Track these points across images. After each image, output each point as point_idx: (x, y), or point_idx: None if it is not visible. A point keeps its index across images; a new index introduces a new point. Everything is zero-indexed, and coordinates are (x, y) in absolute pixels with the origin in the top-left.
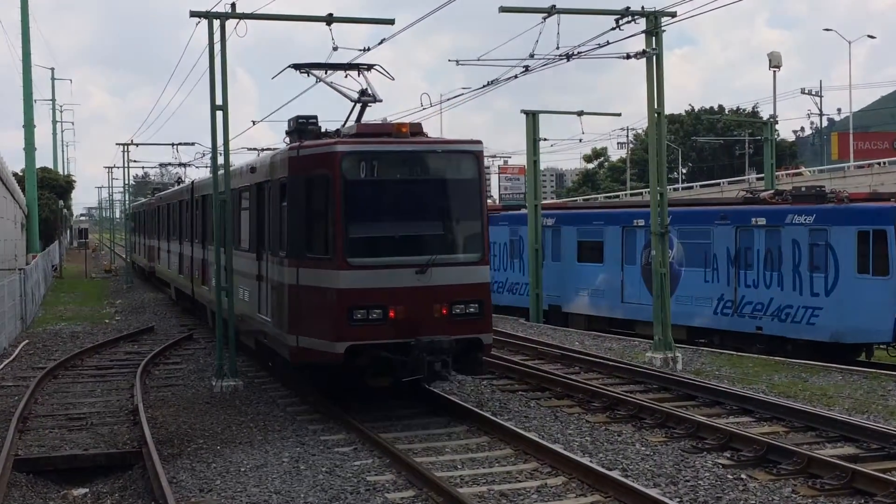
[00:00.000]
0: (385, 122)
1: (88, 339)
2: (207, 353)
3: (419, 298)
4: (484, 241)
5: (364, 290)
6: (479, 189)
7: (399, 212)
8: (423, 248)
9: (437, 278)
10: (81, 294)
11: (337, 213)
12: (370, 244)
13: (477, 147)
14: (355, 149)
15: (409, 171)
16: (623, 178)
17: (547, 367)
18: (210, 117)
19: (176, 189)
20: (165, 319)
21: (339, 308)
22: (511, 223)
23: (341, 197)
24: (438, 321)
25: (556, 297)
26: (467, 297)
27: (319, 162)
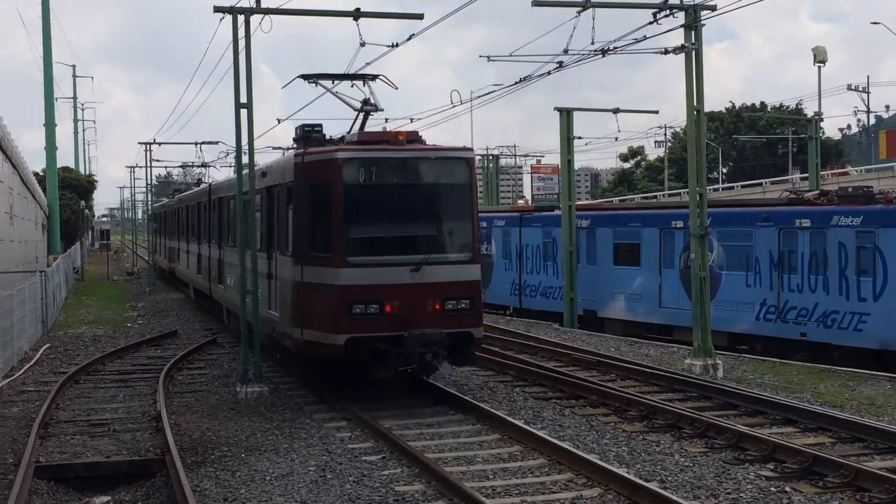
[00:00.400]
0: (384, 131)
1: (110, 343)
2: (232, 357)
3: (413, 294)
4: (474, 241)
5: (362, 287)
6: (470, 193)
7: (395, 214)
8: (418, 247)
9: (430, 276)
10: (103, 297)
11: (338, 216)
12: (368, 244)
13: (468, 154)
14: (354, 156)
15: (404, 177)
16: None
17: (582, 374)
18: (234, 116)
19: (195, 191)
20: (189, 323)
21: (340, 303)
22: (544, 225)
23: (342, 200)
24: (431, 315)
25: (591, 301)
26: (458, 294)
27: (322, 168)
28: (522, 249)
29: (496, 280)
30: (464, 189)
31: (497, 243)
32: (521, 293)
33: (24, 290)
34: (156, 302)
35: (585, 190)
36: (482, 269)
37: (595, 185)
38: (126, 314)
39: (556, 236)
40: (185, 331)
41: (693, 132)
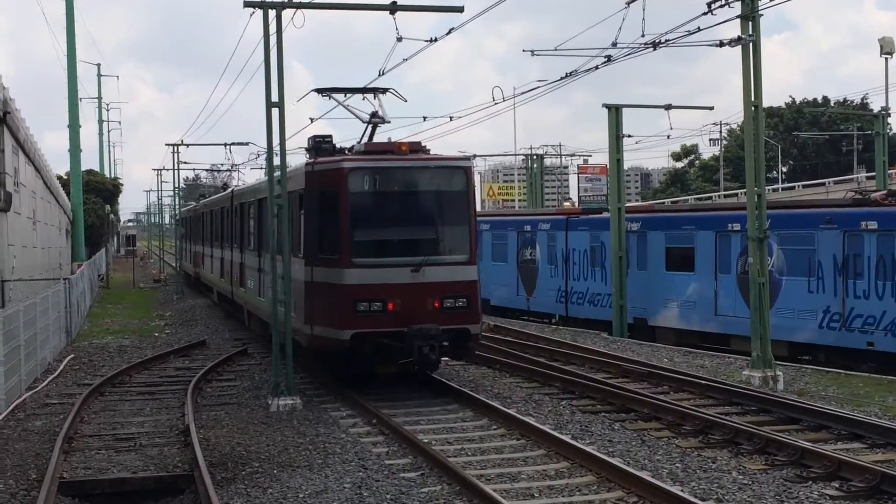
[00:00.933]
0: (389, 142)
1: (136, 354)
2: (263, 369)
3: (414, 293)
4: (471, 244)
5: (366, 286)
6: (468, 199)
7: (397, 219)
8: (418, 250)
9: (429, 276)
10: (129, 305)
11: (344, 220)
12: (372, 246)
13: (466, 163)
14: (360, 165)
15: (406, 184)
16: (716, 178)
17: (632, 387)
18: (265, 115)
19: (218, 196)
20: (218, 333)
21: (346, 301)
22: (592, 228)
23: (347, 206)
24: (431, 313)
25: (641, 309)
26: (456, 293)
27: (330, 176)
28: (569, 254)
29: (541, 287)
30: (461, 196)
31: (541, 248)
32: (568, 301)
33: (47, 298)
34: (183, 310)
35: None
36: (527, 275)
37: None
38: (153, 323)
39: (605, 240)
40: (215, 341)
41: (751, 129)
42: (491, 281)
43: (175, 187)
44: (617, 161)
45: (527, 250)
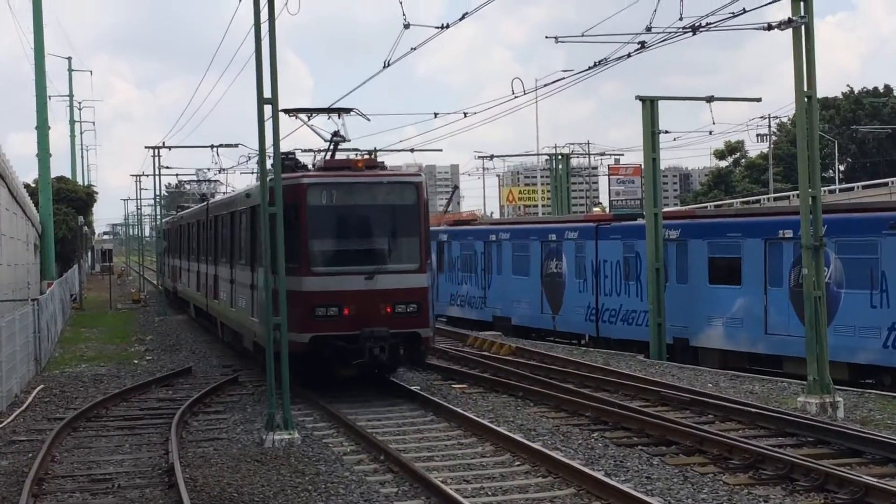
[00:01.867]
0: (347, 159)
1: (114, 384)
2: (256, 399)
3: (367, 299)
4: (421, 253)
5: (324, 293)
6: (419, 212)
7: (352, 230)
8: (372, 259)
9: (381, 283)
10: (105, 329)
11: (303, 232)
12: (329, 256)
13: (417, 179)
14: (317, 181)
15: (360, 199)
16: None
17: (672, 416)
18: (257, 113)
19: (194, 209)
20: (204, 359)
21: (305, 306)
22: (624, 237)
23: (306, 219)
24: (383, 317)
25: (681, 327)
26: (407, 299)
27: (290, 191)
28: (599, 266)
29: (568, 303)
30: (412, 209)
31: (569, 260)
32: (599, 319)
33: (13, 321)
34: (166, 334)
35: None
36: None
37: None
38: (132, 349)
39: (640, 250)
40: (201, 368)
41: (803, 122)
42: (511, 297)
43: (156, 195)
44: (652, 160)
45: (552, 262)
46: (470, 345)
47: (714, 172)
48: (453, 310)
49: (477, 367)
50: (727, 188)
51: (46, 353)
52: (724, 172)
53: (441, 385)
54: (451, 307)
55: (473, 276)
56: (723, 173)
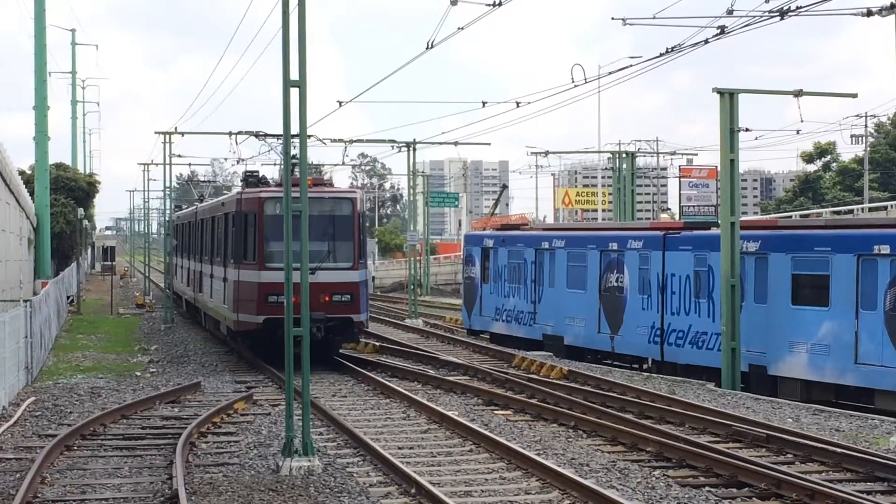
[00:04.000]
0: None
1: (113, 398)
2: (272, 420)
3: (312, 290)
4: (355, 255)
5: (275, 284)
6: (353, 222)
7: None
8: (315, 258)
9: (322, 277)
10: (105, 336)
11: (260, 235)
12: (280, 255)
13: (353, 195)
14: (272, 195)
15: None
16: (858, 186)
17: (746, 454)
18: (282, 97)
19: (186, 211)
20: (216, 374)
21: (260, 294)
22: (696, 248)
23: (263, 225)
24: (323, 304)
25: (759, 353)
26: (342, 290)
27: (251, 203)
28: (666, 281)
29: (629, 322)
30: (349, 219)
31: (631, 272)
32: (664, 340)
33: (3, 324)
34: (174, 344)
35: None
36: (611, 307)
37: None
38: (134, 360)
39: (713, 263)
40: (212, 383)
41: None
42: (564, 313)
43: (166, 187)
44: (730, 162)
45: (612, 275)
46: (516, 366)
47: (800, 177)
48: (498, 326)
49: (523, 391)
50: (815, 196)
51: (39, 360)
52: (812, 178)
53: (482, 411)
54: (495, 323)
55: (522, 288)
56: (810, 179)
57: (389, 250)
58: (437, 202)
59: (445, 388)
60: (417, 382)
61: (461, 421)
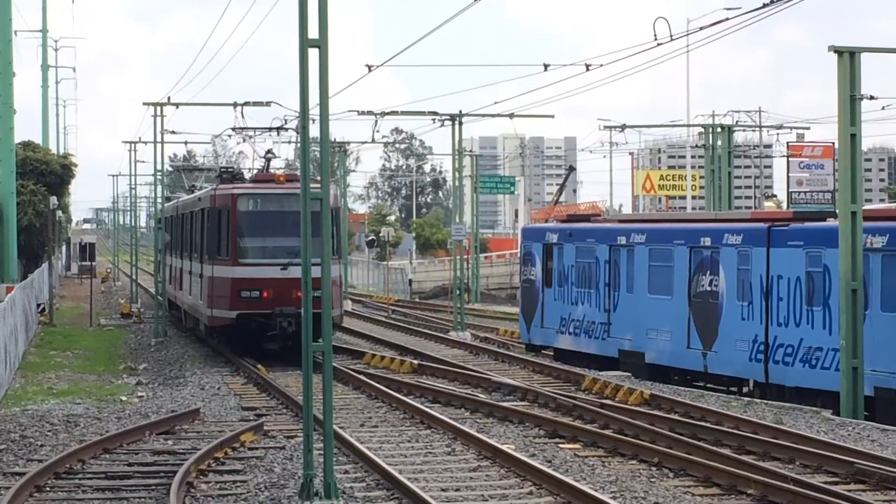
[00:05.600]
0: (271, 173)
1: (94, 428)
2: (287, 455)
3: (282, 285)
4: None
5: (248, 279)
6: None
7: (271, 231)
8: (286, 253)
9: (293, 273)
10: (84, 353)
11: (233, 231)
12: (252, 251)
13: None
14: (245, 191)
15: (278, 205)
16: None
17: (870, 497)
18: (299, 60)
19: (168, 205)
20: (218, 397)
21: (233, 290)
22: (808, 243)
23: (235, 221)
24: (295, 300)
25: (888, 374)
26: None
27: (224, 199)
28: (771, 284)
29: (725, 335)
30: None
31: (728, 274)
32: (769, 357)
33: None
34: (167, 362)
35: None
36: (703, 316)
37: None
38: (119, 381)
39: (830, 263)
40: (214, 409)
41: None
42: (645, 324)
43: (157, 170)
44: (851, 137)
45: (704, 277)
46: (586, 389)
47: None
48: (563, 339)
49: (595, 420)
50: None
51: (3, 383)
52: None
53: (544, 444)
54: (560, 336)
55: (593, 293)
56: None
57: (430, 247)
58: (488, 188)
59: (499, 415)
60: (465, 409)
61: (518, 456)
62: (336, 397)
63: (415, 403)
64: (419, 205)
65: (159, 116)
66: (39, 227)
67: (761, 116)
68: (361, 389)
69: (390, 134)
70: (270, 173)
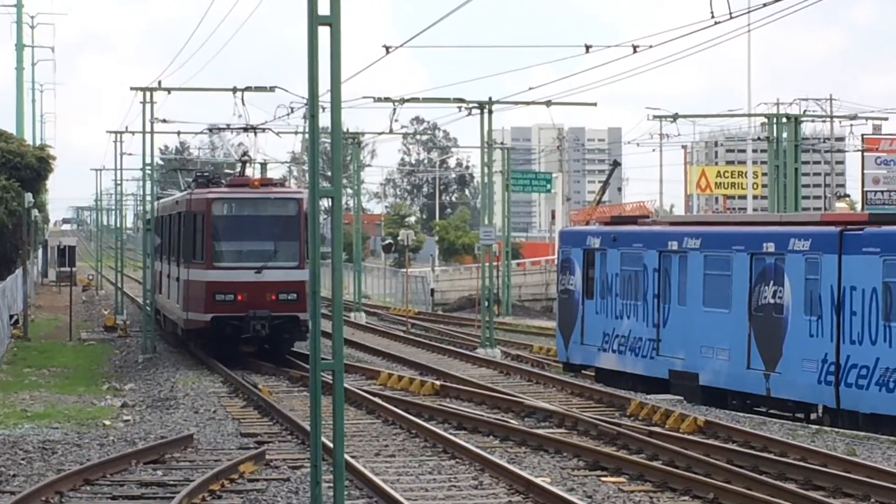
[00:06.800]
0: (246, 177)
1: (73, 456)
2: (293, 488)
3: (256, 288)
4: (300, 254)
5: (222, 283)
6: (299, 221)
7: (246, 234)
8: (260, 257)
9: (267, 276)
10: (62, 371)
11: (207, 235)
12: (227, 254)
13: (298, 195)
14: (220, 196)
15: (252, 210)
16: None
17: None
18: (307, 39)
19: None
20: (214, 422)
21: (207, 293)
22: (885, 250)
23: (211, 225)
24: (269, 303)
25: None
26: (288, 289)
27: (199, 203)
28: (843, 296)
29: (791, 354)
30: (293, 219)
31: (794, 284)
32: (840, 379)
33: None
34: (156, 381)
35: None
36: (765, 332)
37: None
38: (102, 403)
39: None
40: (209, 436)
41: None
42: (699, 340)
43: (146, 164)
44: None
45: (766, 288)
46: (632, 415)
47: None
48: (606, 358)
49: (642, 450)
50: None
51: None
52: None
53: (584, 477)
54: (602, 354)
55: (640, 305)
56: None
57: (455, 253)
58: (521, 185)
59: (533, 444)
60: (494, 437)
61: (555, 491)
62: (348, 422)
63: (437, 430)
64: (443, 204)
65: (149, 103)
66: (12, 227)
67: (832, 105)
68: (376, 414)
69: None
70: (245, 178)
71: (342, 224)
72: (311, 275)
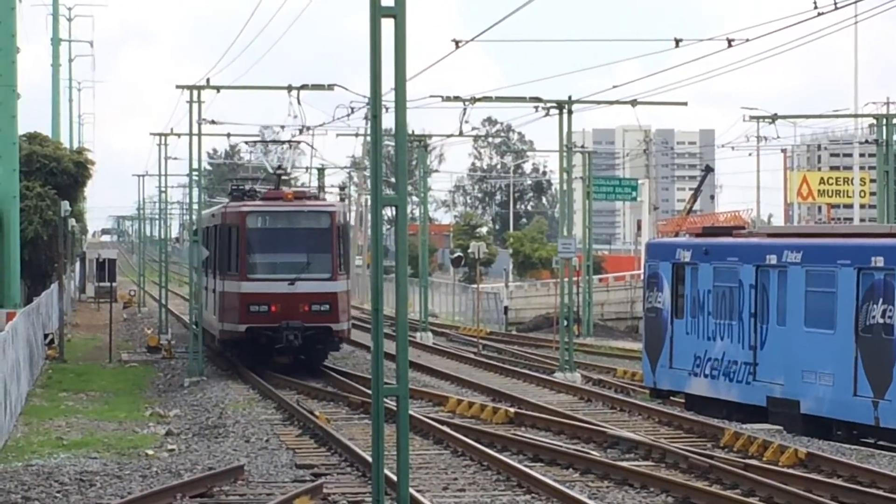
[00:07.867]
0: (280, 190)
1: (113, 489)
2: None
3: (290, 300)
4: (333, 266)
5: (257, 294)
6: (332, 234)
7: (280, 247)
8: (294, 269)
9: (301, 288)
10: (101, 395)
11: (242, 247)
12: (261, 266)
13: (332, 208)
14: (254, 209)
15: (286, 222)
16: None
17: None
18: (370, 33)
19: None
20: (267, 451)
21: (242, 304)
22: None
23: (245, 237)
24: (302, 314)
25: None
26: (321, 300)
27: (234, 216)
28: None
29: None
30: (326, 231)
31: None
32: None
33: None
34: (203, 407)
35: None
36: (874, 355)
37: None
38: (145, 431)
39: None
40: (261, 467)
41: None
42: (801, 364)
43: (192, 169)
44: None
45: (875, 307)
46: (726, 446)
47: None
48: (697, 383)
49: (737, 484)
50: None
51: (1, 431)
52: None
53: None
54: (693, 378)
55: (735, 325)
56: None
57: (530, 267)
58: (604, 193)
59: (617, 478)
60: (573, 469)
61: None
62: (413, 453)
63: (511, 462)
64: (517, 213)
65: (196, 102)
66: (48, 239)
67: None
68: (444, 444)
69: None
70: (280, 191)
71: (407, 235)
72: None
